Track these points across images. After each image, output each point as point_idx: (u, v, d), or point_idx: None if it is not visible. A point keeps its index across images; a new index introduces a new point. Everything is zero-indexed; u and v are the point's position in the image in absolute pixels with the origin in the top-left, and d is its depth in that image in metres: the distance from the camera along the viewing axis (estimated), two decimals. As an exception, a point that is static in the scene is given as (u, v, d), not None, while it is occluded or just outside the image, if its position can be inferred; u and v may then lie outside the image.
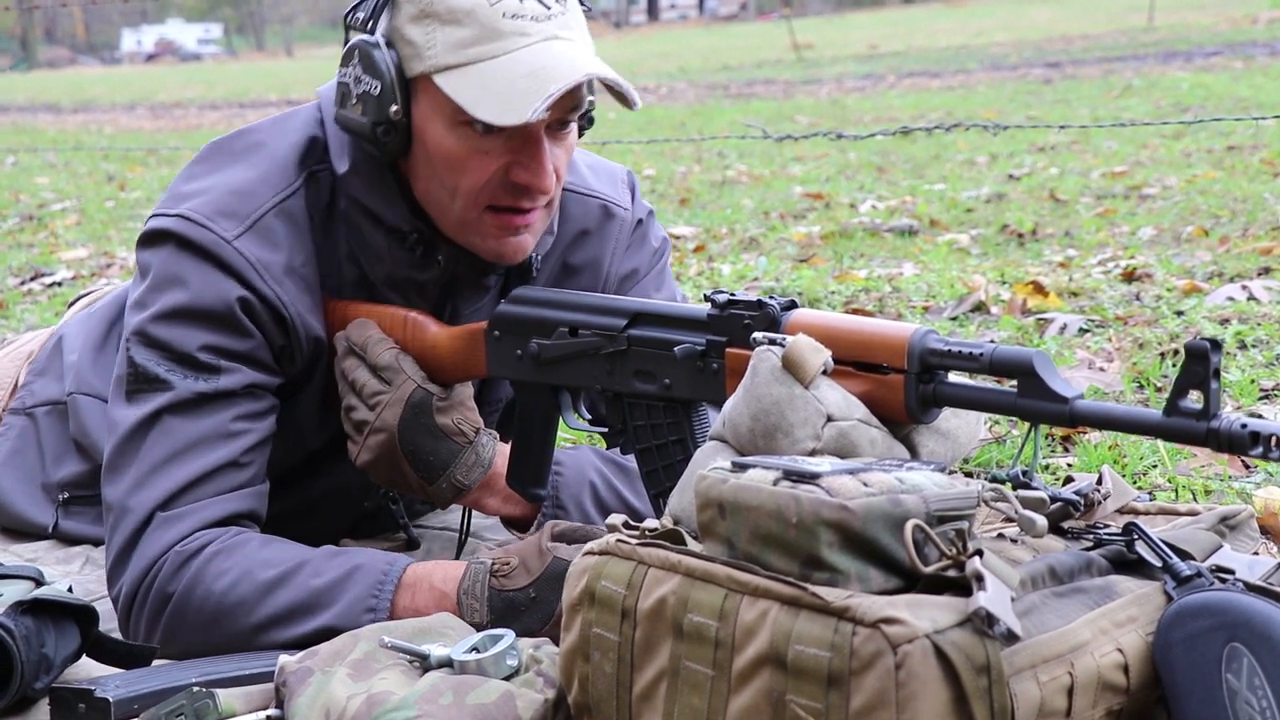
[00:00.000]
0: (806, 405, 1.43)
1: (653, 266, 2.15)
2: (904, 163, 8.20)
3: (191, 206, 1.86)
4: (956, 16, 38.61)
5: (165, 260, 1.86)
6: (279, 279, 1.85)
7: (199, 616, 1.78)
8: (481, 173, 1.79)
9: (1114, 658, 1.23)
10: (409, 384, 1.87)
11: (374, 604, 1.75)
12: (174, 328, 1.83)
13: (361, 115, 1.80)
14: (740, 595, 1.24)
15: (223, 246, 1.83)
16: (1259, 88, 10.78)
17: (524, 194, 1.81)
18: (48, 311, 4.74)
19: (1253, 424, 1.21)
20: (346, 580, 1.76)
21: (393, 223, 1.88)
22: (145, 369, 1.84)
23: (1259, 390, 2.84)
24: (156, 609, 1.79)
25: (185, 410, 1.82)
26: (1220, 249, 4.64)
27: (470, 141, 1.77)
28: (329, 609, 1.75)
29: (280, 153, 1.91)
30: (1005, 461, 2.58)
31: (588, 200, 2.07)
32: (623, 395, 1.75)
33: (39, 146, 13.03)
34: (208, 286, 1.83)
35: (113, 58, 67.34)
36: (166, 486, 1.80)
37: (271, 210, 1.87)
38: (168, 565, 1.78)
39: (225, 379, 1.83)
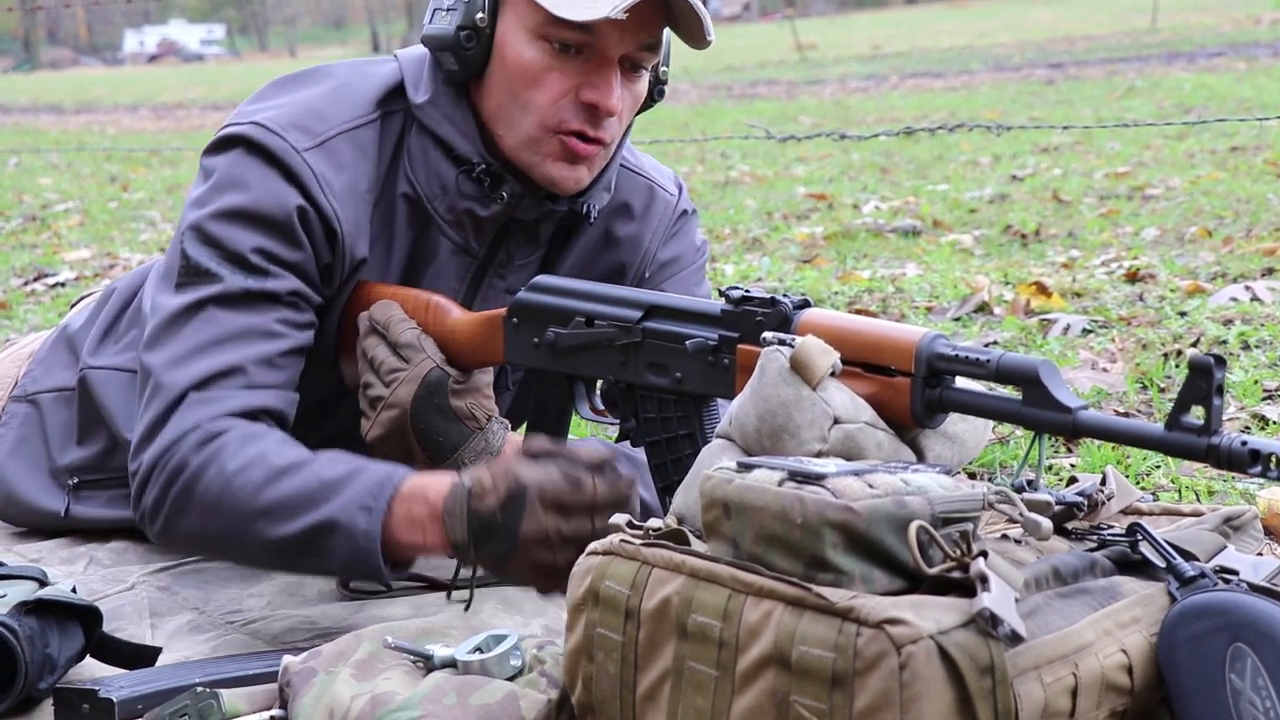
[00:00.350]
0: (813, 407, 1.43)
1: (694, 261, 2.20)
2: (907, 163, 8.20)
3: (267, 116, 1.91)
4: (959, 17, 38.60)
5: (231, 162, 1.90)
6: (339, 196, 1.90)
7: (205, 495, 1.78)
8: (553, 89, 1.85)
9: (1118, 659, 1.23)
10: (427, 363, 1.89)
11: (371, 504, 1.73)
12: (230, 227, 1.87)
13: (449, 24, 1.87)
14: (744, 596, 1.24)
15: (291, 154, 1.88)
16: (1262, 88, 10.78)
17: (591, 115, 1.86)
18: (50, 312, 4.74)
19: (1253, 442, 1.22)
20: (350, 478, 1.75)
21: (464, 152, 1.93)
22: (197, 262, 1.87)
23: (1262, 391, 2.84)
24: (168, 482, 1.80)
25: (231, 303, 1.86)
26: (1224, 249, 4.64)
27: (547, 57, 1.84)
28: (328, 502, 1.74)
29: (357, 89, 1.97)
30: (1009, 463, 2.59)
31: (636, 178, 2.13)
32: (635, 387, 1.76)
33: (42, 147, 13.04)
34: (269, 192, 1.87)
35: (115, 58, 67.37)
36: (202, 369, 1.83)
37: (342, 134, 1.92)
38: (190, 441, 1.80)
39: (273, 282, 1.87)
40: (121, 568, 2.14)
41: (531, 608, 1.94)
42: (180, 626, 1.95)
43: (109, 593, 2.04)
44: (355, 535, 1.73)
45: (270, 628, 1.93)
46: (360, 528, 1.73)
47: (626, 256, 2.12)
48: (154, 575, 2.11)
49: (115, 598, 2.03)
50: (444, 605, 1.93)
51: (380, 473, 1.76)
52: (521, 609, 1.93)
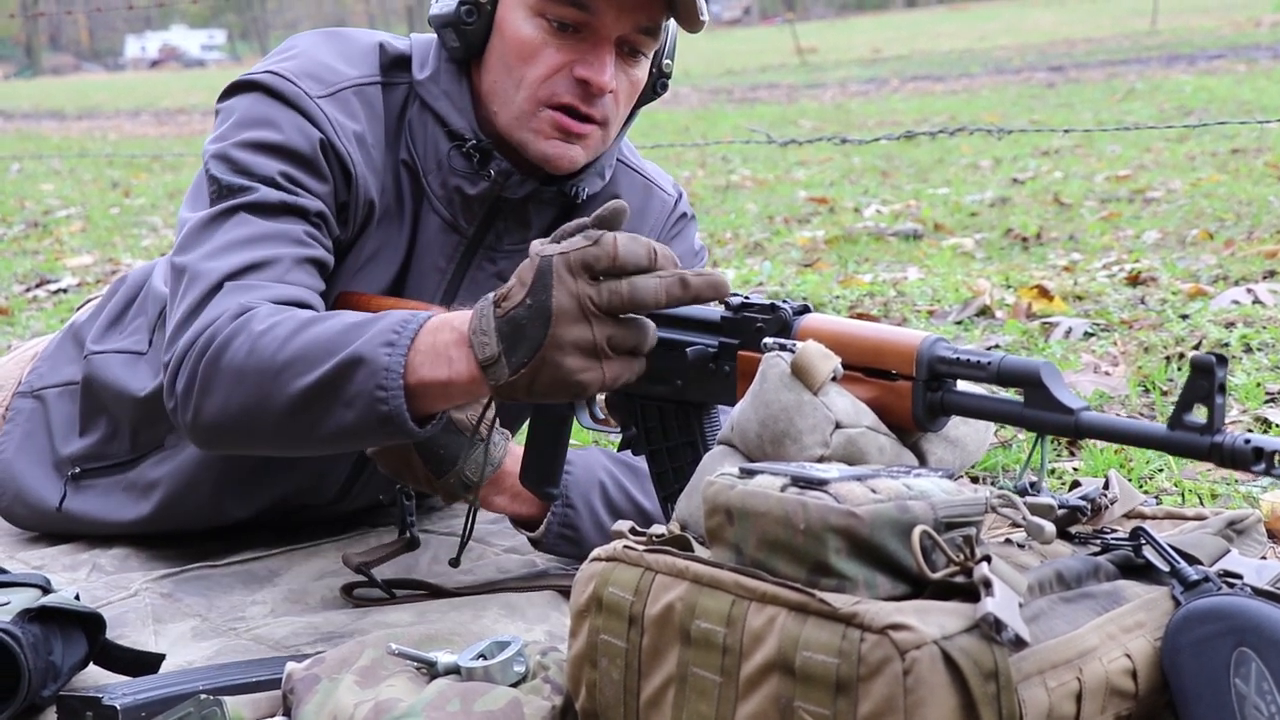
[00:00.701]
0: (815, 412, 1.43)
1: (693, 266, 2.21)
2: (908, 167, 8.20)
3: (282, 66, 1.96)
4: (960, 20, 38.61)
5: (251, 103, 1.95)
6: (350, 140, 1.94)
7: (232, 361, 1.72)
8: (548, 64, 1.88)
9: (1122, 663, 1.23)
10: None
11: (394, 339, 1.64)
12: (257, 155, 1.90)
13: (452, 1, 1.91)
14: (748, 601, 1.24)
15: (305, 99, 1.93)
16: (1262, 91, 10.78)
17: (584, 91, 1.89)
18: (53, 318, 4.75)
19: (1256, 439, 1.22)
20: (376, 320, 1.68)
21: (457, 127, 1.96)
22: (230, 182, 1.89)
23: (1264, 394, 2.84)
24: (198, 359, 1.75)
25: (263, 210, 1.88)
26: (1225, 252, 4.63)
27: (544, 34, 1.87)
28: (352, 344, 1.66)
29: (366, 54, 2.02)
30: (1011, 466, 2.58)
31: (634, 175, 2.16)
32: (635, 395, 1.75)
33: (44, 153, 13.05)
34: (292, 125, 1.92)
35: (117, 64, 67.42)
36: (238, 261, 1.83)
37: (351, 88, 1.98)
38: (224, 318, 1.76)
39: (299, 199, 1.90)
40: (124, 574, 2.14)
41: (535, 613, 1.94)
42: (183, 633, 1.95)
43: (112, 599, 2.04)
44: (376, 373, 1.64)
45: (273, 634, 1.93)
46: (382, 362, 1.63)
47: None
48: (157, 582, 2.11)
49: (118, 604, 2.03)
50: (447, 611, 1.93)
51: (406, 312, 1.70)
52: (525, 614, 1.93)
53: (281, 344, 1.70)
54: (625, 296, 1.54)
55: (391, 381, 1.63)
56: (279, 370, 1.69)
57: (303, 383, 1.68)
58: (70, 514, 2.23)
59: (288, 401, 1.69)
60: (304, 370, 1.68)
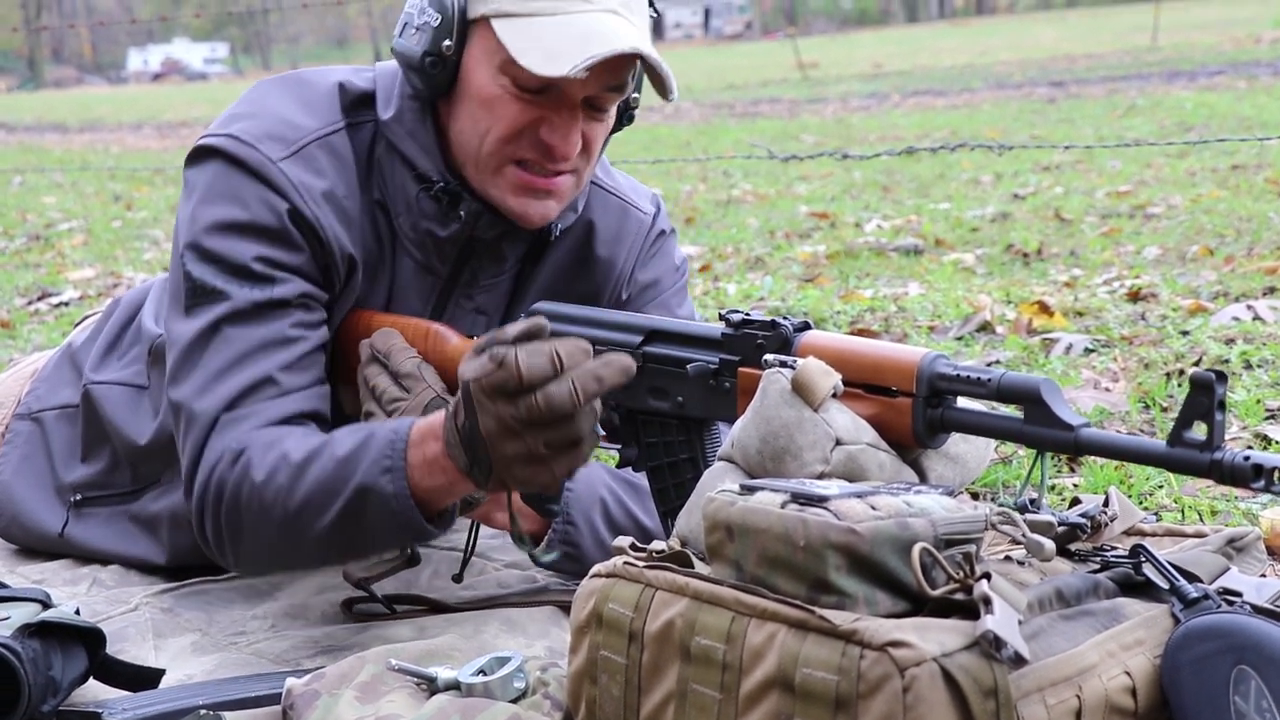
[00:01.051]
0: (815, 428, 1.43)
1: (675, 283, 2.20)
2: (909, 182, 8.21)
3: (241, 128, 1.93)
4: (961, 35, 38.68)
5: (214, 176, 1.92)
6: (318, 201, 1.91)
7: (249, 511, 1.80)
8: (514, 121, 1.85)
9: (1122, 680, 1.23)
10: (428, 392, 1.87)
11: (390, 464, 1.73)
12: (227, 239, 1.88)
13: (416, 45, 1.87)
14: (748, 618, 1.24)
15: (268, 165, 1.89)
16: (1262, 107, 10.79)
17: (548, 154, 1.86)
18: (54, 332, 4.75)
19: (1256, 456, 1.22)
20: (364, 447, 1.75)
21: (425, 169, 1.93)
22: (202, 281, 1.88)
23: (1264, 410, 2.84)
24: (215, 509, 1.83)
25: (244, 319, 1.87)
26: (1225, 268, 4.64)
27: (510, 92, 1.84)
28: (352, 478, 1.74)
29: (328, 97, 1.98)
30: (1011, 483, 2.59)
31: (609, 198, 2.13)
32: (636, 412, 1.75)
33: (46, 166, 13.07)
34: (258, 200, 1.89)
35: (119, 77, 67.52)
36: (228, 392, 1.84)
37: (316, 141, 1.94)
38: (224, 462, 1.82)
39: (280, 288, 1.88)
40: (124, 589, 2.14)
41: (535, 629, 1.94)
42: (184, 648, 1.95)
43: (112, 614, 2.04)
44: (387, 500, 1.72)
45: (273, 649, 1.93)
46: (389, 491, 1.72)
47: (600, 279, 2.11)
48: (157, 597, 2.11)
49: (118, 619, 2.03)
50: (448, 627, 1.93)
51: (388, 430, 1.75)
52: (525, 630, 1.93)
53: (287, 492, 1.77)
54: (543, 409, 1.55)
55: (401, 504, 1.72)
56: (295, 516, 1.77)
57: (323, 522, 1.77)
58: (72, 541, 2.24)
59: (316, 539, 1.79)
60: (319, 512, 1.76)
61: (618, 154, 10.03)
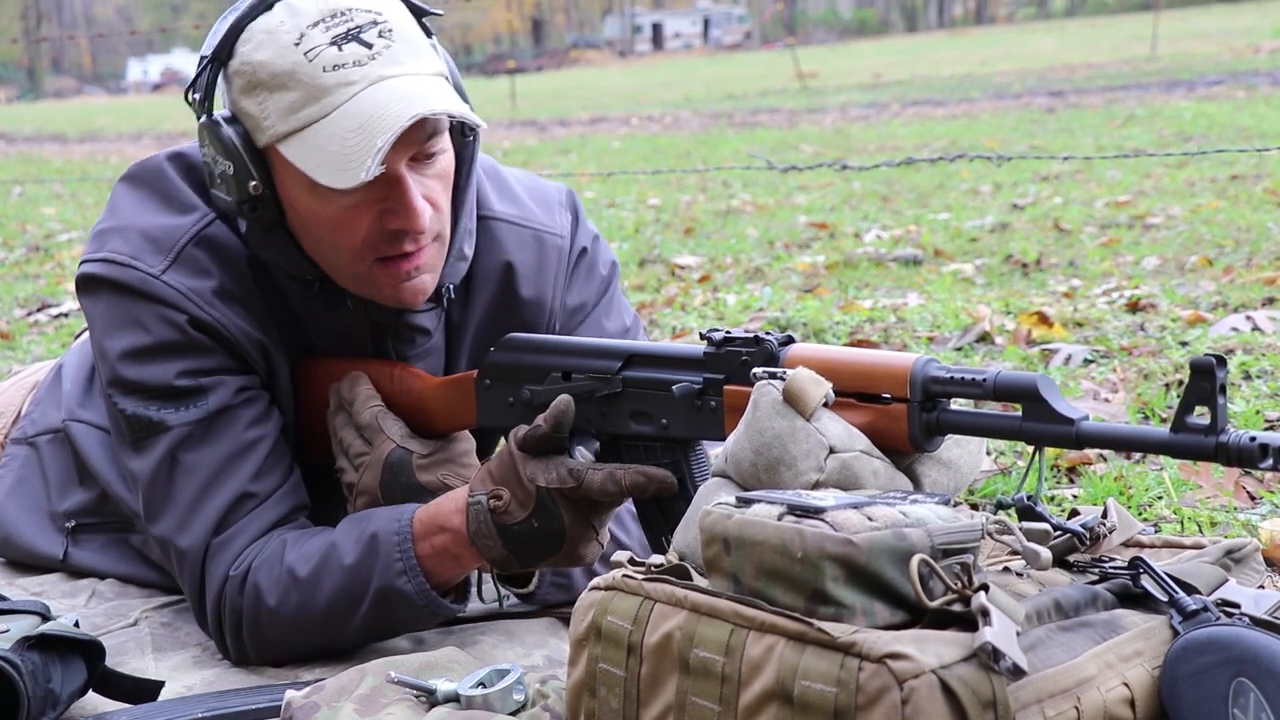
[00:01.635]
0: (808, 438, 1.44)
1: (601, 296, 2.12)
2: (908, 192, 8.22)
3: (114, 248, 1.87)
4: (960, 45, 38.73)
5: (108, 306, 1.87)
6: (211, 303, 1.85)
7: (274, 630, 1.84)
8: (356, 229, 1.77)
9: (1120, 692, 1.23)
10: (387, 444, 1.87)
11: (402, 566, 1.79)
12: (144, 366, 1.85)
13: (226, 195, 1.79)
14: (746, 630, 1.24)
15: (152, 283, 1.84)
16: (1262, 117, 10.81)
17: (403, 238, 1.78)
18: (54, 343, 4.75)
19: (1262, 436, 1.22)
20: (370, 554, 1.80)
21: (295, 273, 1.87)
22: (137, 416, 1.86)
23: (1264, 421, 2.85)
24: (235, 631, 1.86)
25: (194, 443, 1.85)
26: (1224, 279, 4.64)
27: (334, 201, 1.75)
28: (369, 587, 1.80)
29: (181, 191, 1.91)
30: (1010, 492, 2.58)
31: (519, 230, 2.04)
32: (619, 437, 1.74)
33: (45, 177, 13.08)
34: (156, 320, 1.84)
35: (119, 88, 67.61)
36: (209, 520, 1.85)
37: (191, 241, 1.87)
38: (229, 591, 1.85)
39: (214, 397, 1.86)
40: (124, 601, 2.14)
41: (533, 639, 1.93)
42: (183, 661, 1.94)
43: (112, 627, 2.04)
44: (410, 599, 1.80)
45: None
46: (409, 591, 1.79)
47: (530, 316, 2.03)
48: (157, 611, 2.10)
49: (118, 632, 2.03)
50: (446, 638, 1.93)
51: (390, 529, 1.80)
52: (523, 640, 1.93)
53: (305, 609, 1.82)
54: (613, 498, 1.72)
55: (425, 600, 1.80)
56: (321, 625, 1.83)
57: (352, 626, 1.83)
58: (77, 565, 2.23)
59: (350, 636, 1.85)
60: (344, 619, 1.82)
61: (618, 166, 10.05)
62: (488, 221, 2.01)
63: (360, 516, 1.84)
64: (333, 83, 1.70)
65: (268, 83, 1.72)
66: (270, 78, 1.71)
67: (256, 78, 1.72)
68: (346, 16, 1.72)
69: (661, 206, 8.22)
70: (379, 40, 1.72)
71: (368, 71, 1.71)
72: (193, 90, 1.79)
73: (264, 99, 1.72)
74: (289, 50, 1.70)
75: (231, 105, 1.77)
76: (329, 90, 1.70)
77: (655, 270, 5.83)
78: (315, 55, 1.70)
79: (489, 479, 1.75)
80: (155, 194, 1.91)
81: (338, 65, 1.70)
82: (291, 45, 1.70)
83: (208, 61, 1.77)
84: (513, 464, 1.73)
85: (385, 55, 1.72)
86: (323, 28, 1.71)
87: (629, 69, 47.73)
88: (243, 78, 1.74)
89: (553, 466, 1.71)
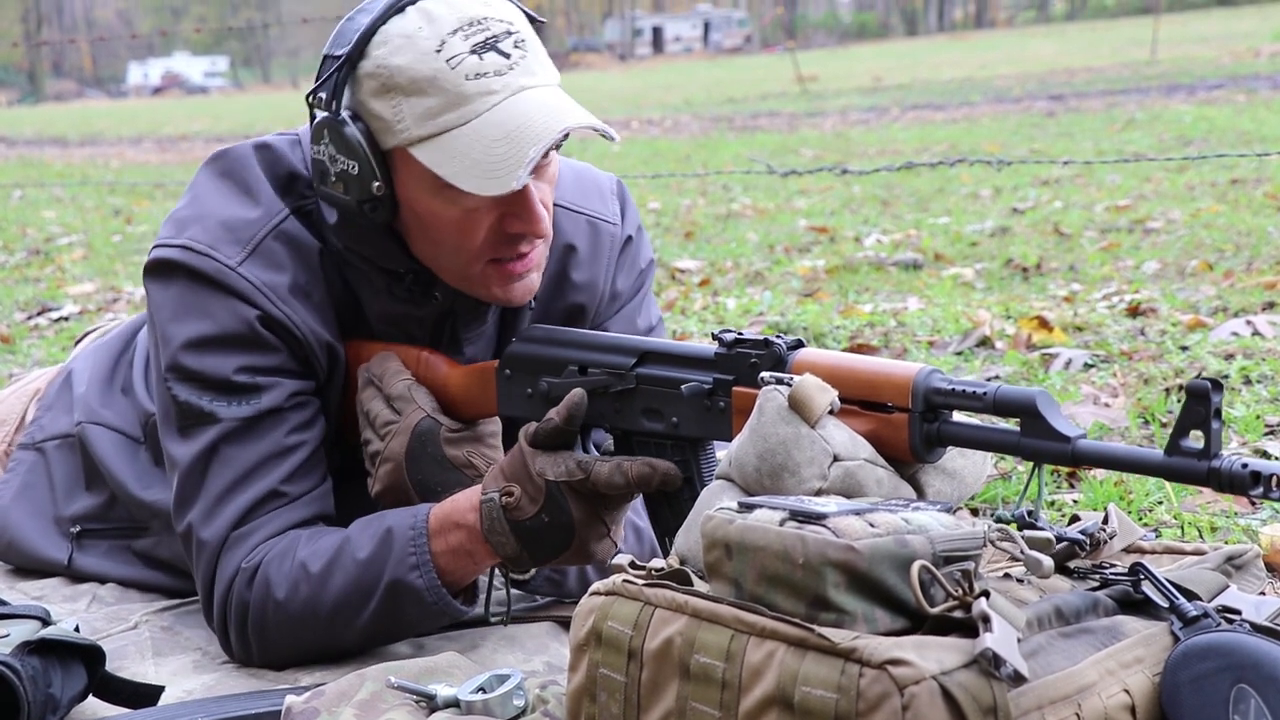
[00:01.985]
0: (813, 445, 1.44)
1: (636, 291, 2.16)
2: (908, 196, 8.22)
3: (192, 235, 1.89)
4: (960, 49, 38.74)
5: (180, 292, 1.89)
6: (285, 299, 1.88)
7: (280, 627, 1.85)
8: (476, 231, 1.80)
9: (1121, 699, 1.23)
10: (418, 412, 1.88)
11: (415, 560, 1.80)
12: (205, 357, 1.87)
13: (345, 194, 1.80)
14: (747, 636, 1.24)
15: (228, 274, 1.86)
16: (1262, 121, 10.81)
17: (520, 240, 1.82)
18: (54, 346, 4.75)
19: (1254, 464, 1.22)
20: (384, 548, 1.81)
21: (390, 266, 1.90)
22: (189, 404, 1.88)
23: (1264, 426, 2.84)
24: (240, 626, 1.87)
25: (238, 438, 1.87)
26: (1225, 283, 4.64)
27: (459, 202, 1.78)
28: (380, 581, 1.81)
29: (262, 180, 1.93)
30: (1010, 498, 2.59)
31: (576, 216, 2.08)
32: (631, 433, 1.75)
33: (46, 180, 13.08)
34: (225, 310, 1.86)
35: (119, 91, 67.60)
36: (234, 513, 1.86)
37: (270, 233, 1.89)
38: (238, 583, 1.85)
39: (267, 397, 1.87)
40: (124, 605, 2.14)
41: (534, 644, 1.94)
42: (183, 665, 1.95)
43: (112, 631, 2.04)
44: (421, 596, 1.81)
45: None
46: (420, 586, 1.80)
47: (585, 299, 2.08)
48: (157, 615, 2.11)
49: (118, 636, 2.03)
50: (446, 643, 1.93)
51: (405, 526, 1.81)
52: (524, 646, 1.93)
53: (314, 604, 1.83)
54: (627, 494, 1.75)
55: (435, 596, 1.81)
56: (329, 622, 1.84)
57: (359, 623, 1.84)
58: (81, 571, 2.24)
59: (355, 635, 1.86)
60: (352, 614, 1.83)
61: (618, 169, 10.05)
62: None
63: (375, 515, 1.86)
64: (474, 91, 1.73)
65: (405, 87, 1.74)
66: (409, 82, 1.73)
67: (394, 81, 1.74)
68: (483, 25, 1.76)
69: (661, 210, 8.22)
70: (515, 50, 1.76)
71: (508, 81, 1.74)
72: (320, 90, 1.80)
73: (399, 102, 1.74)
74: (430, 56, 1.73)
75: (357, 106, 1.78)
76: (470, 98, 1.73)
77: (656, 274, 5.83)
78: (457, 63, 1.73)
79: (501, 476, 1.77)
80: (237, 185, 1.93)
81: (479, 74, 1.73)
82: (433, 52, 1.73)
83: (341, 61, 1.77)
84: (523, 460, 1.75)
85: (521, 66, 1.76)
86: (462, 36, 1.74)
87: (629, 72, 47.76)
88: (377, 80, 1.75)
89: (561, 460, 1.73)
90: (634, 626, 1.32)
